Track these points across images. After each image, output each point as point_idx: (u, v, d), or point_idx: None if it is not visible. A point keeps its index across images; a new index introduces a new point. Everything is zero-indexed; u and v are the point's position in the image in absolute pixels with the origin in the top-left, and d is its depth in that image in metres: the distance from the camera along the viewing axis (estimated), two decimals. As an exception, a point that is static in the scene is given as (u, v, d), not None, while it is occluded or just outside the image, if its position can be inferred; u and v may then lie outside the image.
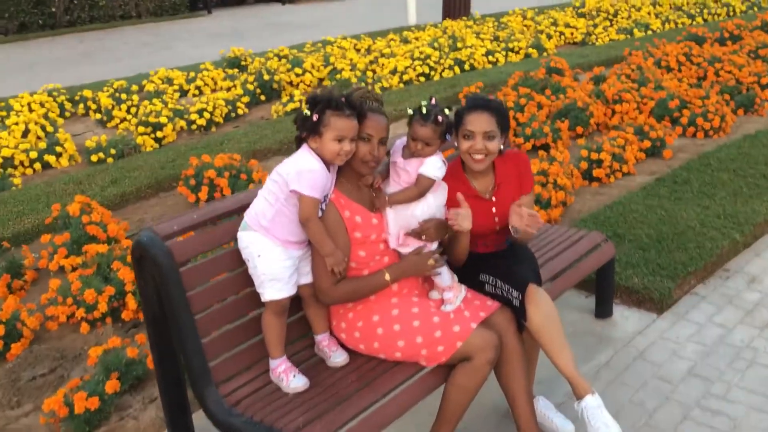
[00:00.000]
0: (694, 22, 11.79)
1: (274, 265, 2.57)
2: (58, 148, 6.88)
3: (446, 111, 2.78)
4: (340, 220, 2.63)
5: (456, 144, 2.93)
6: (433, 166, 2.74)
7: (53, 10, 16.29)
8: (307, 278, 2.69)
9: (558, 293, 3.26)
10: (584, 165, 5.53)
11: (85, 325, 3.87)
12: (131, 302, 3.95)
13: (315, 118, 2.51)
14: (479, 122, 2.79)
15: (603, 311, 3.75)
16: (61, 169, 6.79)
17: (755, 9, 12.53)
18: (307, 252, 2.67)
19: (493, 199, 2.94)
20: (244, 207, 2.67)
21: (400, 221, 2.76)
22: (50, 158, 6.77)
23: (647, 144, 5.95)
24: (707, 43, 9.25)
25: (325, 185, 2.57)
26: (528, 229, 2.80)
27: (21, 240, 4.98)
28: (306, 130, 2.56)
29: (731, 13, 12.35)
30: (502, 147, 2.88)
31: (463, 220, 2.73)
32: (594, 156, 5.54)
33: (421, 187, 2.73)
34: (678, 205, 4.78)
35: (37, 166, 6.72)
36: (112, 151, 6.85)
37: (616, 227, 4.46)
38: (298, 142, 2.64)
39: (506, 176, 2.96)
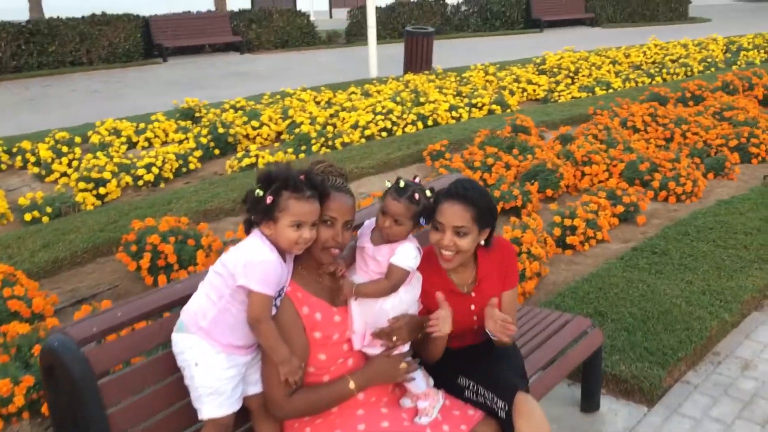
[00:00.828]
0: (654, 82, 11.83)
1: (215, 375, 2.13)
2: (-11, 205, 6.32)
3: (427, 193, 2.41)
4: (297, 318, 2.22)
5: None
6: (407, 255, 2.36)
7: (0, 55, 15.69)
8: (255, 388, 2.25)
9: (547, 389, 2.88)
10: (557, 231, 5.22)
11: (-3, 421, 3.33)
12: (53, 394, 3.43)
13: (269, 200, 2.11)
14: (450, 214, 2.39)
15: (590, 404, 3.37)
16: (-9, 228, 6.22)
17: (713, 70, 12.67)
18: (256, 357, 2.23)
19: (473, 294, 2.56)
20: (183, 301, 2.23)
21: (367, 317, 2.35)
22: (-21, 216, 6.21)
23: (621, 209, 5.69)
24: (670, 103, 9.18)
25: (280, 278, 2.16)
26: (501, 337, 2.42)
27: (-67, 315, 4.40)
28: (258, 214, 2.15)
29: (689, 73, 12.45)
30: (482, 242, 2.50)
31: (444, 323, 2.34)
32: (567, 222, 5.24)
33: (393, 280, 2.33)
34: (659, 279, 4.47)
35: (-36, 225, 6.14)
36: (48, 210, 6.31)
37: (596, 304, 4.12)
38: (248, 226, 2.23)
39: (489, 270, 2.57)
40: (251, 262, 2.10)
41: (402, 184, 2.41)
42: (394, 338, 2.31)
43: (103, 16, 17.31)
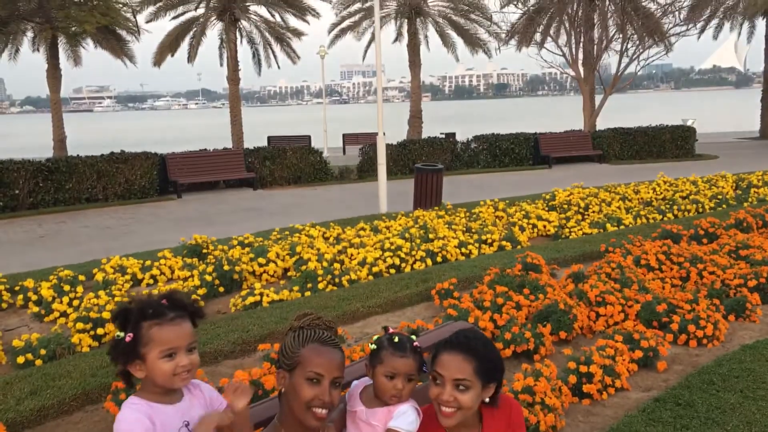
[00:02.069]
0: (665, 218, 11.76)
1: None
2: (-18, 347, 6.11)
3: (413, 337, 2.24)
4: None
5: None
6: (407, 419, 2.13)
7: (17, 192, 16.00)
8: None
9: None
10: (573, 379, 4.91)
11: None
12: None
13: (129, 338, 1.90)
14: (450, 366, 2.19)
15: None
16: (-18, 371, 5.98)
17: (724, 206, 12.63)
18: None
19: None
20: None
21: None
22: (-29, 358, 5.99)
23: (639, 354, 5.39)
24: (683, 240, 9.04)
25: (165, 422, 1.90)
26: None
27: None
28: (122, 357, 1.93)
29: (700, 210, 12.40)
30: (487, 400, 2.27)
31: None
32: (583, 369, 4.94)
33: None
34: (686, 435, 4.12)
35: (-46, 368, 5.91)
36: (42, 352, 6.09)
37: (619, 465, 3.76)
38: (124, 377, 2.00)
39: (495, 429, 2.33)
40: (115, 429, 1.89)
41: (397, 339, 2.23)
42: None
43: (121, 154, 17.79)
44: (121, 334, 1.94)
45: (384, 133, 14.49)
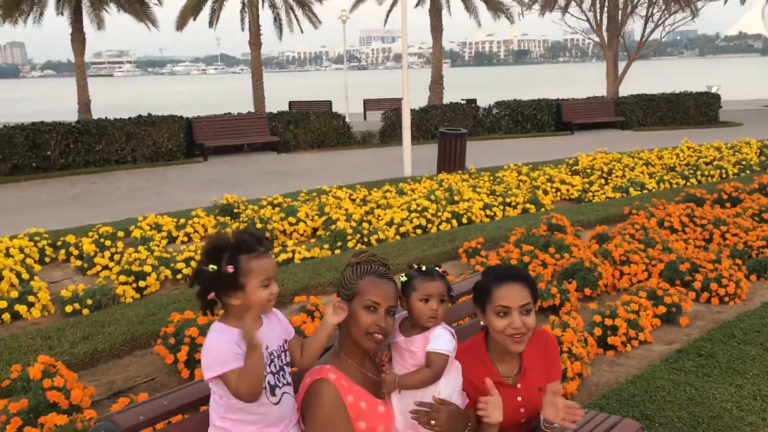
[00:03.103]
0: (689, 183, 11.84)
1: None
2: (31, 298, 6.43)
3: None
4: (342, 405, 2.19)
5: (482, 322, 2.55)
6: (443, 339, 2.36)
7: (48, 153, 16.34)
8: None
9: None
10: (598, 331, 5.13)
11: None
12: (87, 488, 3.38)
13: (231, 270, 2.08)
14: (514, 296, 2.41)
15: None
16: (32, 320, 6.30)
17: (747, 172, 12.67)
18: None
19: (518, 385, 2.52)
20: (227, 390, 2.22)
21: (408, 415, 2.31)
22: (21, 308, 6.30)
23: (662, 310, 5.59)
24: (707, 204, 9.16)
25: (240, 344, 2.10)
26: (566, 424, 2.35)
27: (-27, 404, 4.41)
28: (223, 288, 2.11)
29: (724, 175, 12.46)
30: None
31: (494, 409, 2.30)
32: (608, 322, 5.15)
33: (435, 367, 2.32)
34: (707, 382, 4.33)
35: (6, 317, 6.22)
36: (89, 302, 6.40)
37: (642, 407, 3.99)
38: (207, 306, 2.18)
39: (533, 360, 2.55)
40: (203, 353, 2.11)
41: (424, 267, 2.47)
42: (432, 422, 2.25)
43: (149, 117, 18.06)
44: (215, 267, 2.11)
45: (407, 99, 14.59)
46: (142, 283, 6.93)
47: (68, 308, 6.33)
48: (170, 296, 6.51)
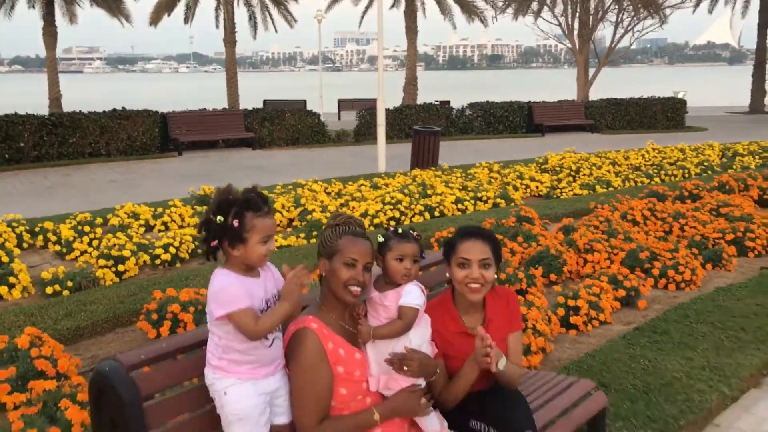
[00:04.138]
0: (653, 182, 12.26)
1: (242, 402, 2.32)
2: (11, 279, 6.55)
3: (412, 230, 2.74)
4: (323, 351, 2.42)
5: (448, 274, 2.80)
6: (414, 294, 2.60)
7: (21, 145, 16.29)
8: (282, 418, 2.43)
9: (551, 445, 3.01)
10: (561, 311, 5.42)
11: (21, 471, 3.45)
12: (77, 446, 3.56)
13: (236, 224, 2.30)
14: (475, 250, 2.68)
15: (595, 468, 3.47)
16: (13, 301, 6.42)
17: (709, 172, 13.15)
18: (282, 386, 2.42)
19: (477, 332, 2.77)
20: (216, 339, 2.44)
21: (381, 362, 2.55)
22: (2, 289, 6.42)
23: (622, 293, 5.91)
24: (668, 200, 9.54)
25: (253, 291, 2.34)
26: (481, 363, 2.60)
27: (-40, 374, 4.55)
28: (227, 240, 2.32)
29: (686, 175, 12.92)
30: (495, 277, 2.75)
31: (499, 357, 2.56)
32: (571, 303, 5.45)
33: (406, 319, 2.56)
34: (661, 355, 4.64)
35: (-13, 296, 6.35)
36: (69, 284, 6.54)
37: (600, 377, 4.27)
38: (210, 252, 2.40)
39: (496, 312, 2.82)
40: (214, 294, 2.32)
41: (400, 230, 2.70)
42: (405, 368, 2.49)
43: (123, 111, 18.08)
44: (221, 219, 2.32)
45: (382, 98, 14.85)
46: (121, 267, 7.08)
47: (49, 289, 6.46)
48: (150, 279, 6.69)
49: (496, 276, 2.75)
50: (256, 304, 2.34)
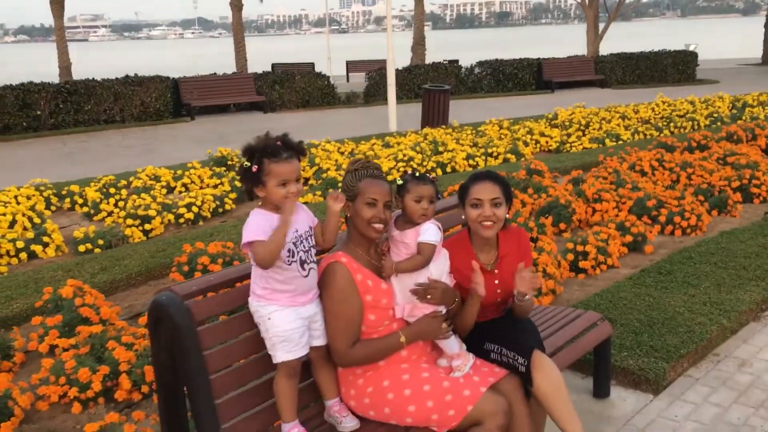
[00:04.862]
0: (662, 134, 12.40)
1: (284, 326, 2.60)
2: (45, 239, 6.88)
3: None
4: (352, 282, 2.70)
5: (463, 215, 3.06)
6: (431, 232, 2.85)
7: (38, 113, 16.59)
8: (319, 341, 2.72)
9: (561, 368, 3.29)
10: (570, 257, 5.68)
11: (77, 404, 3.79)
12: (125, 382, 3.89)
13: (255, 169, 2.55)
14: (486, 191, 2.93)
15: (601, 391, 3.78)
16: (48, 259, 6.76)
17: (718, 123, 13.25)
18: (319, 312, 2.70)
19: (496, 271, 3.04)
20: (258, 272, 2.72)
21: (405, 292, 2.82)
22: (37, 248, 6.75)
23: (629, 239, 6.16)
24: (677, 151, 9.72)
25: (272, 225, 2.55)
26: (528, 290, 2.88)
27: (10, 323, 4.90)
28: (250, 183, 2.59)
29: (696, 127, 13.04)
30: (508, 216, 3.01)
31: (480, 286, 2.83)
32: (579, 248, 5.71)
33: (425, 254, 2.82)
34: (665, 293, 4.91)
35: (23, 255, 6.68)
36: (100, 242, 6.86)
37: (606, 312, 4.55)
38: (249, 193, 2.66)
39: (508, 250, 3.07)
40: (244, 229, 2.57)
41: (417, 173, 2.94)
42: (428, 296, 2.77)
43: (136, 77, 18.31)
44: (248, 164, 2.59)
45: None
46: (147, 226, 7.38)
47: (81, 248, 6.79)
48: (177, 235, 7.00)
49: (507, 215, 3.00)
50: (287, 236, 2.58)
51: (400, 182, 2.92)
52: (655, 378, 3.82)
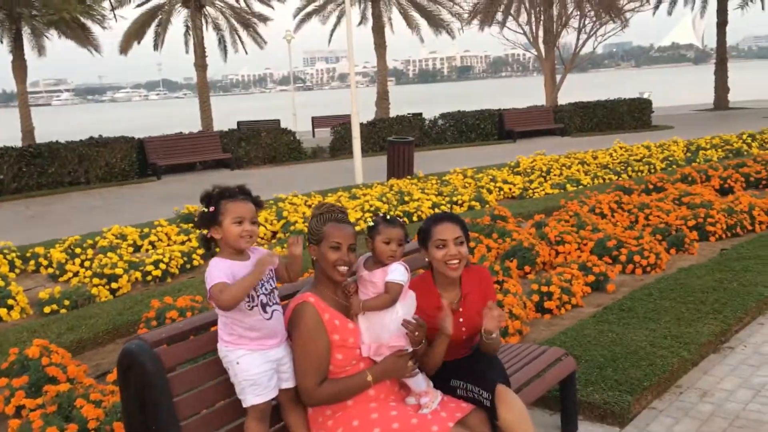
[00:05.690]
0: (621, 178, 12.75)
1: (253, 370, 2.65)
2: (10, 301, 6.80)
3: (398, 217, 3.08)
4: (320, 320, 2.77)
5: (426, 258, 3.15)
6: (399, 272, 2.95)
7: (1, 177, 16.46)
8: (288, 383, 2.76)
9: (527, 403, 3.36)
10: (536, 298, 5.80)
11: (45, 464, 3.73)
12: (94, 439, 3.85)
13: (212, 209, 2.68)
14: (448, 231, 3.04)
15: (569, 426, 3.84)
16: (12, 321, 6.67)
17: (674, 166, 13.69)
18: (287, 355, 2.76)
19: (461, 309, 3.13)
20: (226, 319, 2.77)
21: (372, 331, 2.90)
22: (1, 311, 6.67)
23: (592, 278, 6.31)
24: (635, 194, 10.01)
25: (238, 272, 2.64)
26: (495, 328, 2.97)
27: (-26, 386, 4.81)
28: (207, 225, 2.70)
29: (652, 170, 13.44)
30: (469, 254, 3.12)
31: (447, 321, 2.92)
32: (544, 289, 5.84)
33: (392, 293, 2.91)
34: (627, 329, 5.04)
35: (-13, 318, 6.59)
36: (66, 302, 6.81)
37: (572, 349, 4.64)
38: (203, 243, 2.77)
39: (471, 288, 3.17)
40: (207, 276, 2.65)
41: (388, 216, 3.06)
42: (416, 333, 2.84)
43: (100, 138, 18.35)
44: (206, 209, 2.69)
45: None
46: (114, 285, 7.35)
47: (47, 309, 6.72)
48: (144, 293, 6.97)
49: (468, 253, 3.12)
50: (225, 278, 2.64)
51: (371, 224, 3.03)
52: (620, 411, 3.90)
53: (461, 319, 3.12)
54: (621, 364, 4.40)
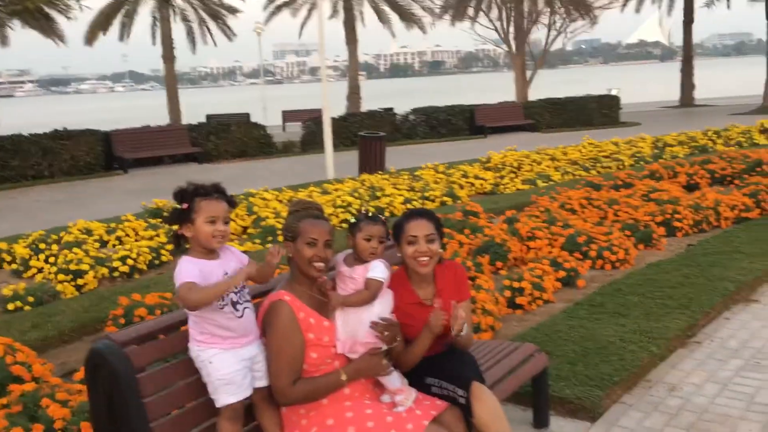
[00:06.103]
0: (590, 174, 12.88)
1: (226, 369, 2.61)
2: (-28, 298, 6.63)
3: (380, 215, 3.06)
4: (295, 319, 2.73)
5: (399, 253, 3.13)
6: (379, 269, 2.93)
7: (-38, 171, 16.09)
8: (261, 382, 2.73)
9: (501, 399, 3.37)
10: (508, 293, 5.83)
11: (9, 466, 3.64)
12: (61, 439, 3.77)
13: (185, 206, 2.63)
14: (420, 228, 3.03)
15: (540, 421, 3.86)
16: (-26, 319, 6.50)
17: (641, 163, 13.86)
18: (261, 352, 2.72)
19: (435, 305, 3.12)
20: (197, 318, 2.72)
21: (348, 328, 2.87)
22: (-37, 308, 6.50)
23: (563, 274, 6.36)
24: (604, 190, 10.10)
25: (209, 272, 2.61)
26: (457, 329, 2.95)
27: (-65, 387, 4.68)
28: (179, 222, 2.65)
29: (621, 167, 13.59)
30: (441, 251, 3.10)
31: (463, 323, 2.91)
32: (516, 285, 5.87)
33: (372, 290, 2.89)
34: (597, 324, 5.08)
35: (-52, 316, 6.41)
36: (30, 299, 6.64)
37: (543, 345, 4.66)
38: (174, 240, 2.74)
39: (445, 284, 3.16)
40: (176, 275, 2.61)
41: (370, 213, 3.03)
42: (386, 333, 2.82)
43: (65, 131, 18.00)
44: (179, 206, 2.64)
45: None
46: (80, 281, 7.20)
47: (10, 306, 6.55)
48: (111, 289, 6.85)
49: (441, 250, 3.10)
50: (213, 282, 2.61)
51: (353, 220, 3.00)
52: (591, 406, 3.93)
53: (436, 315, 3.10)
54: (592, 359, 4.43)
